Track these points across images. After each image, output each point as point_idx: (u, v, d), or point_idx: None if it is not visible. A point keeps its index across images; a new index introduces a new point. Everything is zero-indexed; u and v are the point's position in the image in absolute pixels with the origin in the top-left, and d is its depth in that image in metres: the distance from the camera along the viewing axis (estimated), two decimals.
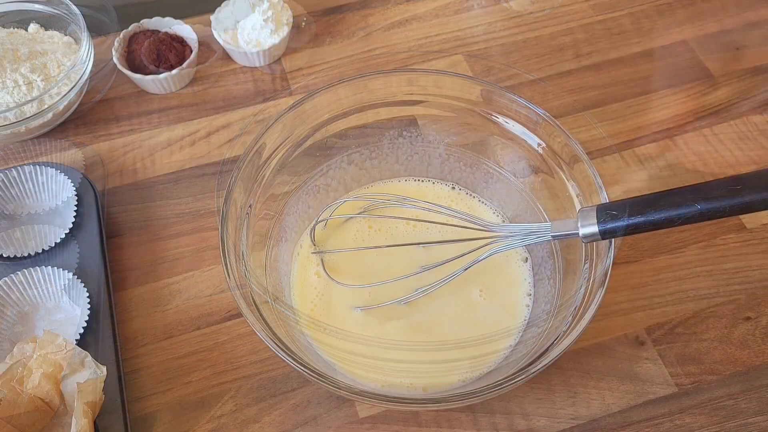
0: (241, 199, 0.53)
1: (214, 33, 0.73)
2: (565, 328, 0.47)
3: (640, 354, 0.56)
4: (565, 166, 0.54)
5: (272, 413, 0.54)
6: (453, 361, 0.54)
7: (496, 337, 0.55)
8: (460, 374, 0.53)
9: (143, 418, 0.54)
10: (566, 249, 0.54)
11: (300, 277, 0.58)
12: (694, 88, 0.72)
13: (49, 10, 0.72)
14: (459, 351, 0.54)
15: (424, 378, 0.53)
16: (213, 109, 0.71)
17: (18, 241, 0.61)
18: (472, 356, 0.54)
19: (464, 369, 0.53)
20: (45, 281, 0.57)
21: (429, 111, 0.59)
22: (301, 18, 0.78)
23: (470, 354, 0.54)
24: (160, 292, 0.60)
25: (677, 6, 0.79)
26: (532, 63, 0.74)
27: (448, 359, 0.54)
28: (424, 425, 0.53)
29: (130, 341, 0.57)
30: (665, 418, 0.53)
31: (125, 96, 0.73)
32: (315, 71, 0.74)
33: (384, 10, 0.80)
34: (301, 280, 0.58)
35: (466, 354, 0.54)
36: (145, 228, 0.63)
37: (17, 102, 0.66)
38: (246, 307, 0.47)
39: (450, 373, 0.53)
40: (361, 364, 0.54)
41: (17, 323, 0.57)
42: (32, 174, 0.62)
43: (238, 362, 0.56)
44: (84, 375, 0.48)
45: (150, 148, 0.69)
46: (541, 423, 0.53)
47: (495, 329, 0.55)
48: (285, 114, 0.55)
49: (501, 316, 0.56)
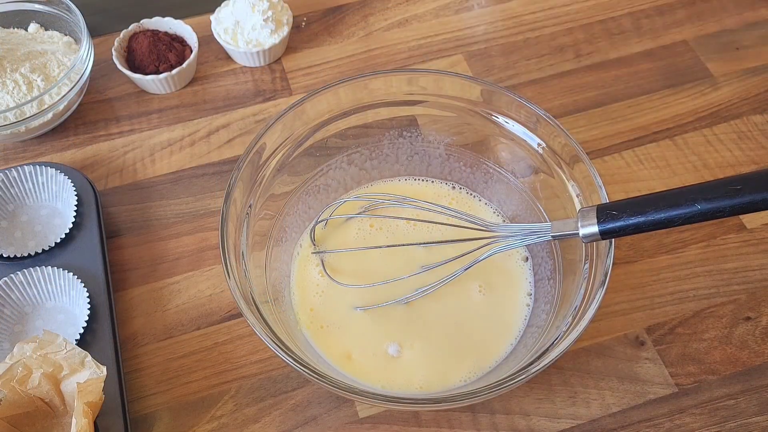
0: (241, 199, 0.53)
1: (214, 33, 0.73)
2: (565, 328, 0.47)
3: (640, 354, 0.56)
4: (565, 166, 0.54)
5: (272, 413, 0.54)
6: (454, 361, 0.54)
7: (497, 337, 0.55)
8: (461, 374, 0.53)
9: (143, 418, 0.54)
10: (566, 249, 0.54)
11: (300, 277, 0.58)
12: (694, 88, 0.72)
13: (49, 10, 0.72)
14: (460, 351, 0.54)
15: (425, 378, 0.53)
16: (213, 109, 0.71)
17: (18, 241, 0.61)
18: (473, 356, 0.54)
19: (466, 369, 0.53)
20: (45, 281, 0.57)
21: (429, 111, 0.59)
22: (301, 18, 0.78)
23: (471, 354, 0.54)
24: (160, 292, 0.60)
25: (677, 6, 0.79)
26: (532, 63, 0.74)
27: (449, 359, 0.54)
28: (425, 425, 0.53)
29: (130, 341, 0.57)
30: (665, 418, 0.53)
31: (125, 96, 0.73)
32: (315, 71, 0.74)
33: (384, 10, 0.80)
34: (301, 280, 0.58)
35: (467, 354, 0.54)
36: (145, 228, 0.63)
37: (17, 102, 0.66)
38: (246, 307, 0.47)
39: (450, 373, 0.53)
40: (361, 365, 0.54)
41: (17, 323, 0.57)
42: (32, 174, 0.62)
43: (238, 362, 0.56)
44: (84, 375, 0.48)
45: (150, 148, 0.69)
46: (541, 423, 0.53)
47: (496, 329, 0.55)
48: (285, 114, 0.55)
49: (502, 316, 0.56)
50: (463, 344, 0.54)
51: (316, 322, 0.56)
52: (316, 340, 0.55)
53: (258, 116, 0.71)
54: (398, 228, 0.60)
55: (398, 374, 0.53)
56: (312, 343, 0.55)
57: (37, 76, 0.67)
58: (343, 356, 0.54)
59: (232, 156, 0.68)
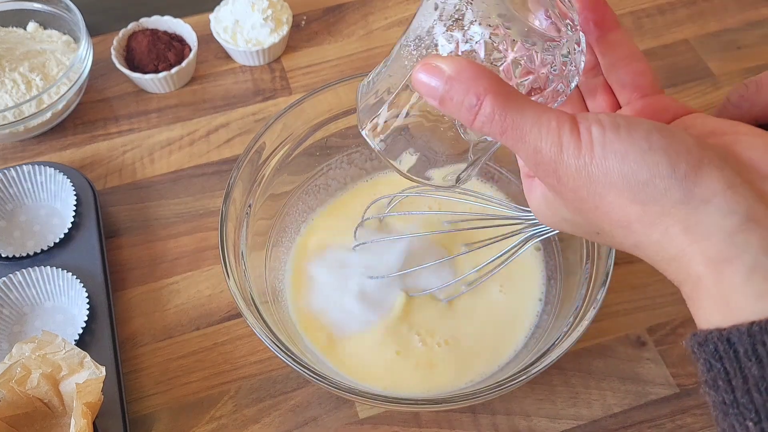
0: (241, 198, 0.53)
1: (214, 32, 0.73)
2: (566, 328, 0.47)
3: (641, 354, 0.56)
4: None
5: (272, 414, 0.54)
6: (463, 365, 0.53)
7: (507, 338, 0.54)
8: (469, 377, 0.52)
9: (142, 418, 0.54)
10: (567, 249, 0.54)
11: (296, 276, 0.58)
12: (695, 87, 0.72)
13: (48, 9, 0.72)
14: (471, 354, 0.54)
15: (431, 381, 0.53)
16: (212, 109, 0.71)
17: (17, 241, 0.61)
18: (483, 359, 0.53)
19: (474, 373, 0.53)
20: (44, 281, 0.57)
21: None
22: (300, 17, 0.78)
23: (481, 357, 0.53)
24: (160, 293, 0.60)
25: (678, 5, 0.79)
26: None
27: (459, 362, 0.53)
28: (425, 426, 0.53)
29: (130, 341, 0.57)
30: (667, 418, 0.53)
31: (124, 95, 0.72)
32: (315, 70, 0.74)
33: (384, 9, 0.79)
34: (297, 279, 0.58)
35: (477, 356, 0.53)
36: (144, 228, 0.63)
37: (16, 101, 0.66)
38: (245, 308, 0.47)
39: (459, 378, 0.53)
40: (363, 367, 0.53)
41: (16, 323, 0.57)
42: (31, 174, 0.62)
43: (237, 362, 0.56)
44: (83, 375, 0.48)
45: (149, 148, 0.68)
46: (542, 423, 0.53)
47: (508, 329, 0.54)
48: (285, 113, 0.55)
49: (515, 316, 0.55)
50: (475, 347, 0.54)
51: (316, 324, 0.55)
52: (311, 339, 0.54)
53: (257, 115, 0.71)
54: (429, 218, 0.59)
55: (403, 376, 0.53)
56: (308, 343, 0.54)
57: (35, 75, 0.67)
58: (344, 356, 0.54)
59: (232, 155, 0.68)
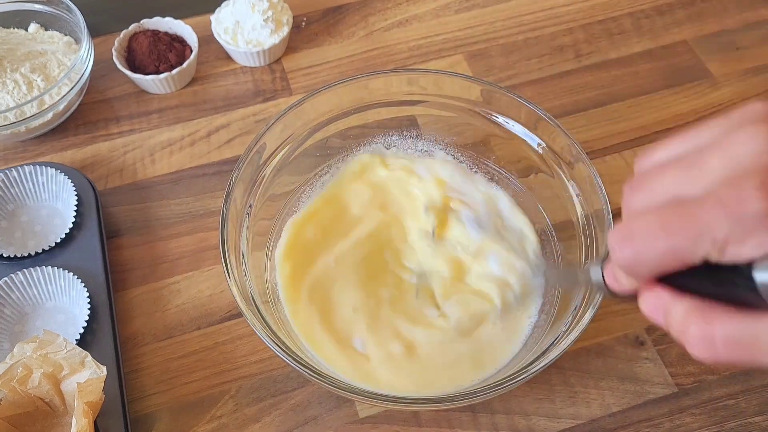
0: (241, 199, 0.53)
1: (214, 33, 0.73)
2: (565, 327, 0.47)
3: (640, 354, 0.56)
4: (565, 166, 0.54)
5: (272, 413, 0.54)
6: (466, 366, 0.53)
7: (507, 340, 0.54)
8: (472, 378, 0.52)
9: (143, 418, 0.54)
10: (566, 249, 0.55)
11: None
12: (694, 88, 0.72)
13: (49, 10, 0.72)
14: (472, 356, 0.53)
15: (432, 381, 0.53)
16: (213, 109, 0.71)
17: (18, 241, 0.61)
18: (484, 361, 0.53)
19: (479, 367, 0.53)
20: (45, 281, 0.57)
21: (429, 111, 0.59)
22: (301, 18, 0.78)
23: (483, 358, 0.53)
24: (160, 292, 0.60)
25: (677, 6, 0.79)
26: (532, 63, 0.74)
27: (461, 364, 0.53)
28: (425, 425, 0.53)
29: (130, 341, 0.57)
30: (665, 418, 0.53)
31: (125, 96, 0.73)
32: (315, 71, 0.74)
33: (384, 10, 0.80)
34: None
35: (478, 358, 0.53)
36: (145, 228, 0.63)
37: (17, 102, 0.66)
38: (246, 307, 0.47)
39: (461, 378, 0.52)
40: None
41: (17, 323, 0.57)
42: (32, 174, 0.62)
43: (238, 362, 0.56)
44: (84, 375, 0.48)
45: (150, 148, 0.69)
46: (541, 423, 0.53)
47: (508, 330, 0.54)
48: (285, 114, 0.55)
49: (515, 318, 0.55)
50: (474, 346, 0.54)
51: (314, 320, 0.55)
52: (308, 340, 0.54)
53: (258, 116, 0.71)
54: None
55: (403, 376, 0.53)
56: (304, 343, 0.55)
57: (37, 76, 0.67)
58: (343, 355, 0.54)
59: (232, 156, 0.68)
